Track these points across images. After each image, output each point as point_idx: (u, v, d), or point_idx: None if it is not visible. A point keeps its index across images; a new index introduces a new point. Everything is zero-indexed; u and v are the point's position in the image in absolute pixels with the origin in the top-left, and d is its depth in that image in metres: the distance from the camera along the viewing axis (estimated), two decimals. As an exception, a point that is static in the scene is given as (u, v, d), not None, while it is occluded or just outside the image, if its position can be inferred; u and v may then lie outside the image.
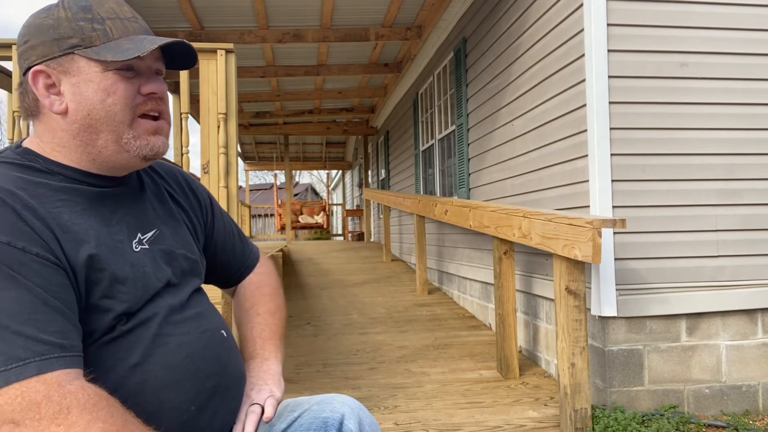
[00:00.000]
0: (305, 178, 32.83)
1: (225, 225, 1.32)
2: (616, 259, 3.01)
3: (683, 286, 3.07)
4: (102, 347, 0.93)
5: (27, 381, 0.80)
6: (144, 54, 0.96)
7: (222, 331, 1.11)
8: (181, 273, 1.09)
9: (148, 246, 1.04)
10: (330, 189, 21.49)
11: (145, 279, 1.00)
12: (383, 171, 10.84)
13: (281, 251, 7.13)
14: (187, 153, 3.09)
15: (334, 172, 21.78)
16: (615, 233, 3.02)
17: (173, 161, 3.57)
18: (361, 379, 3.55)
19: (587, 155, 3.10)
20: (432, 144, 6.84)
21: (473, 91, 5.13)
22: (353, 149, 15.29)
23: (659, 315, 3.02)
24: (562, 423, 2.75)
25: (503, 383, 3.42)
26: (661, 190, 3.08)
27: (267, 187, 26.96)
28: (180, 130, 4.87)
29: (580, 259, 2.64)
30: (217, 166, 2.95)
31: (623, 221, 2.63)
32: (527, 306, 3.98)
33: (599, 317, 3.02)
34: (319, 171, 29.31)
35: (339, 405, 1.15)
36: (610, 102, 3.04)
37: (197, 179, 1.60)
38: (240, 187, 12.07)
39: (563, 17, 3.37)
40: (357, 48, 6.93)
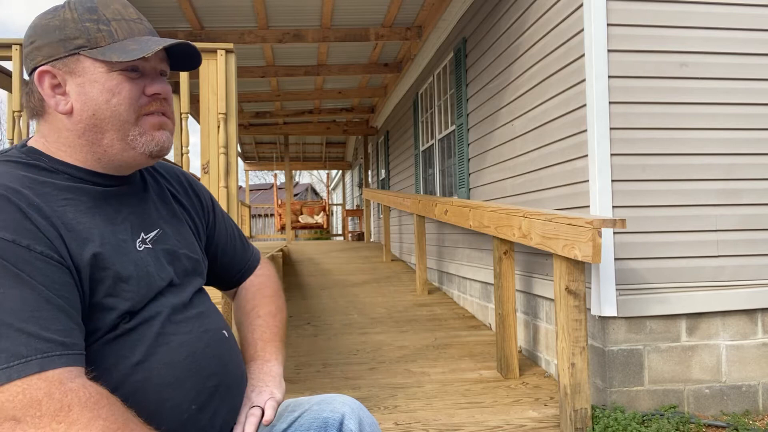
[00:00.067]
0: (305, 178, 32.86)
1: (226, 226, 1.32)
2: (616, 259, 3.01)
3: (683, 286, 3.07)
4: (105, 345, 0.93)
5: (29, 378, 0.80)
6: (149, 55, 0.97)
7: (224, 331, 1.12)
8: (184, 273, 1.10)
9: (151, 245, 1.05)
10: (330, 189, 21.50)
11: (149, 278, 1.00)
12: (383, 171, 10.84)
13: (281, 251, 7.14)
14: (187, 153, 3.08)
15: (334, 172, 21.79)
16: (615, 233, 3.02)
17: (173, 161, 3.57)
18: (361, 379, 3.55)
19: (587, 155, 3.10)
20: (432, 144, 6.84)
21: (473, 91, 5.13)
22: (353, 149, 15.29)
23: (659, 315, 3.02)
24: (562, 423, 2.75)
25: (503, 383, 3.43)
26: (661, 190, 3.09)
27: (267, 187, 26.98)
28: (180, 130, 4.86)
29: (580, 259, 2.64)
30: (217, 166, 2.96)
31: (623, 221, 2.63)
32: (527, 306, 3.98)
33: (599, 317, 3.02)
34: (319, 171, 29.36)
35: (339, 405, 1.15)
36: (610, 102, 3.04)
37: (197, 179, 1.60)
38: (240, 187, 12.07)
39: (563, 17, 3.37)
40: (357, 48, 6.93)
